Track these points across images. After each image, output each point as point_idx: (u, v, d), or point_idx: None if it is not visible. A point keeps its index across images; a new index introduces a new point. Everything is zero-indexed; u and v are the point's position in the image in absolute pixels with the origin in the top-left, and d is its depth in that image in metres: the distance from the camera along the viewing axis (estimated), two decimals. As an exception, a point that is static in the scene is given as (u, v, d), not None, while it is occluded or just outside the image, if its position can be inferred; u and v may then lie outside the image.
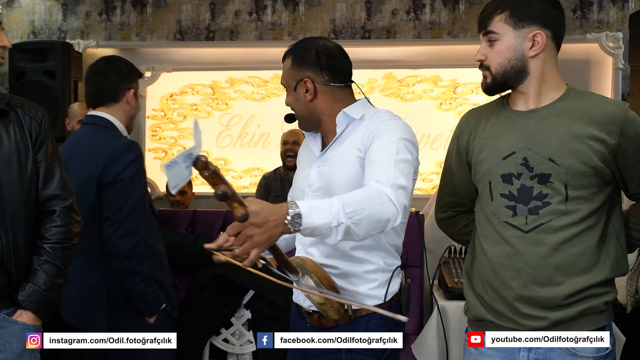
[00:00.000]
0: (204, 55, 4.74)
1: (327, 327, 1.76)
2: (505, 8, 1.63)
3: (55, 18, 4.87)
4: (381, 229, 1.52)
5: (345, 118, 1.78)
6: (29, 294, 1.81)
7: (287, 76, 1.83)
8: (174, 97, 4.83)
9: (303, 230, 1.41)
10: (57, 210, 1.89)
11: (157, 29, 4.79)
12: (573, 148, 1.60)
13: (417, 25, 4.60)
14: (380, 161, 1.63)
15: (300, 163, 1.95)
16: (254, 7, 4.70)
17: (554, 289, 1.62)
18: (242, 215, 1.31)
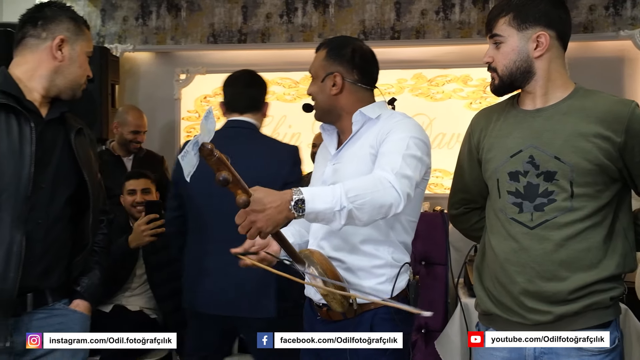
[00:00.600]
0: (237, 58, 4.82)
1: (335, 320, 1.82)
2: (509, 11, 1.68)
3: (94, 24, 5.03)
4: (384, 214, 1.58)
5: (361, 117, 1.84)
6: (88, 286, 2.01)
7: (318, 66, 1.90)
8: (208, 98, 4.94)
9: (307, 215, 1.47)
10: (104, 220, 2.14)
11: (191, 33, 4.91)
12: (578, 146, 1.63)
13: (446, 25, 4.60)
14: (389, 153, 1.70)
15: (317, 162, 2.03)
16: (284, 9, 4.78)
17: (559, 284, 1.65)
18: (243, 201, 1.39)
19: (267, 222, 1.43)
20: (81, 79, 1.98)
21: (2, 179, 1.77)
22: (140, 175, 3.29)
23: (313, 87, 1.91)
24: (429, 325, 3.11)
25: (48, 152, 1.87)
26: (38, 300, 1.88)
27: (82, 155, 1.94)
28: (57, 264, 1.92)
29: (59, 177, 1.89)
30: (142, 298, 3.18)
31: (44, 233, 1.85)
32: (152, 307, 3.17)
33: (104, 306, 3.14)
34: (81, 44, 1.95)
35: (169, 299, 3.14)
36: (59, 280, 1.93)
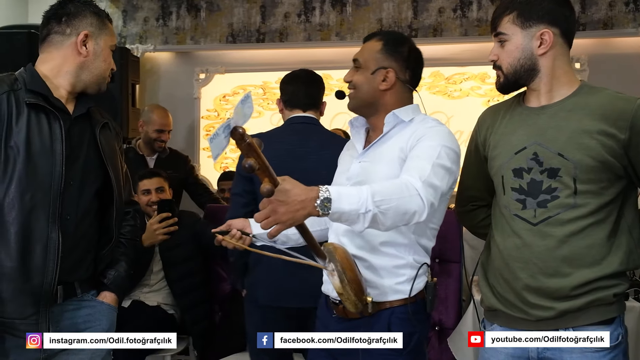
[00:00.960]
0: (255, 57, 4.88)
1: (351, 317, 1.79)
2: (514, 9, 1.68)
3: (116, 24, 5.12)
4: (407, 221, 1.55)
5: (394, 119, 1.83)
6: (114, 278, 2.05)
7: (370, 57, 1.85)
8: (227, 97, 5.00)
9: (331, 215, 1.45)
10: (131, 212, 2.17)
11: (210, 33, 4.97)
12: (582, 143, 1.63)
13: (464, 23, 4.60)
14: (419, 159, 1.68)
15: (342, 158, 2.00)
16: (302, 9, 4.82)
17: (562, 280, 1.65)
18: (267, 190, 1.36)
19: (287, 215, 1.40)
20: (106, 72, 2.00)
21: (36, 178, 1.81)
22: (153, 174, 3.32)
23: (359, 77, 1.85)
24: (443, 323, 3.12)
25: (76, 148, 1.91)
26: (68, 292, 1.93)
27: (107, 149, 1.98)
28: (86, 257, 1.97)
29: (86, 172, 1.93)
30: (160, 294, 3.23)
31: (73, 228, 1.89)
32: (169, 303, 3.22)
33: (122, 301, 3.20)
34: (105, 38, 1.98)
35: (186, 295, 3.19)
36: (87, 272, 1.98)
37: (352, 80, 1.87)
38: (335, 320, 1.85)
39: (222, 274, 3.34)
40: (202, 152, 5.03)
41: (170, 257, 3.20)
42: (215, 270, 3.35)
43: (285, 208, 1.39)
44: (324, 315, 1.92)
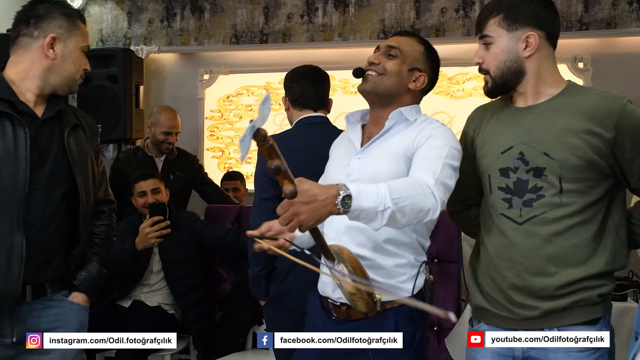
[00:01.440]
0: (258, 58, 4.90)
1: (355, 319, 1.79)
2: (500, 12, 1.69)
3: (121, 26, 5.17)
4: (421, 219, 1.56)
5: (398, 116, 1.83)
6: (84, 279, 2.05)
7: (412, 54, 1.85)
8: (230, 98, 5.02)
9: (351, 212, 1.44)
10: (105, 211, 2.15)
11: (214, 34, 5.00)
12: (567, 142, 1.63)
13: (466, 23, 4.59)
14: (430, 157, 1.68)
15: (337, 154, 1.97)
16: (305, 9, 4.83)
17: (547, 279, 1.65)
18: (291, 192, 1.33)
19: (310, 215, 1.39)
20: (76, 74, 1.99)
21: (0, 184, 1.83)
22: (148, 176, 3.35)
23: (393, 65, 1.82)
24: (442, 323, 3.12)
25: (44, 152, 1.91)
26: (37, 291, 1.95)
27: (75, 152, 1.96)
28: (54, 258, 1.98)
29: (54, 176, 1.93)
30: (160, 294, 3.26)
31: (39, 232, 1.90)
32: (170, 303, 3.25)
33: (123, 301, 3.24)
34: (75, 40, 1.95)
35: (186, 295, 3.22)
36: (57, 273, 1.99)
37: (384, 65, 1.83)
38: (335, 323, 1.84)
39: (221, 274, 3.37)
40: (207, 152, 5.06)
41: (169, 257, 3.23)
42: (215, 269, 3.38)
43: (307, 208, 1.38)
44: (319, 318, 1.91)
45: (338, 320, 1.83)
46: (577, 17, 4.46)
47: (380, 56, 1.85)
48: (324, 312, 1.88)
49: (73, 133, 1.99)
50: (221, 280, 3.38)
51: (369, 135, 1.88)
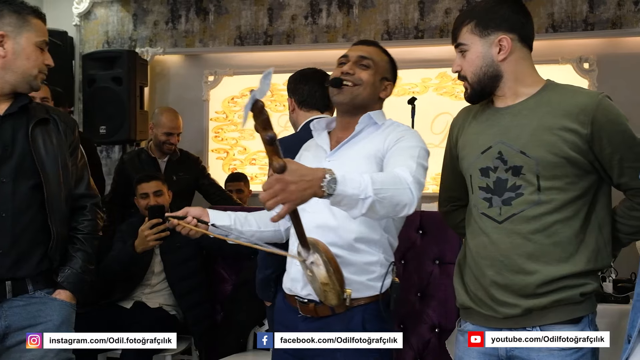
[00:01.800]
0: (263, 59, 4.91)
1: (322, 315, 1.82)
2: (472, 19, 1.73)
3: (126, 28, 5.20)
4: (397, 212, 1.60)
5: (368, 120, 1.90)
6: (67, 276, 2.04)
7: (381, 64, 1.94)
8: (235, 99, 5.04)
9: (334, 197, 1.46)
10: (88, 206, 2.14)
11: (218, 35, 5.02)
12: (543, 140, 1.65)
13: (470, 24, 4.58)
14: (404, 156, 1.74)
15: (305, 160, 2.00)
16: (309, 11, 4.83)
17: (527, 277, 1.66)
18: (281, 166, 1.35)
19: (296, 194, 1.40)
20: (32, 70, 1.98)
21: None
22: (151, 178, 3.35)
23: (368, 76, 1.91)
24: (443, 325, 3.11)
25: (9, 146, 1.94)
26: (18, 288, 1.96)
27: (40, 145, 1.98)
28: (32, 252, 1.98)
29: (21, 169, 1.95)
30: (161, 295, 3.26)
31: (10, 225, 1.92)
32: (171, 304, 3.26)
33: (124, 302, 3.25)
34: (27, 36, 1.95)
35: (187, 296, 3.22)
36: (38, 268, 1.99)
37: (359, 75, 1.90)
38: (302, 320, 1.87)
39: (223, 275, 3.37)
40: (211, 153, 5.08)
41: (171, 258, 3.24)
42: (216, 270, 3.38)
43: (295, 187, 1.39)
44: (285, 316, 1.95)
45: (305, 318, 1.87)
46: (582, 17, 4.43)
47: (354, 66, 1.91)
48: (291, 310, 1.91)
49: (40, 127, 2.01)
50: (222, 281, 3.38)
51: (338, 140, 1.95)
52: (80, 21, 5.26)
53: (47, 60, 2.02)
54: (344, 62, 1.93)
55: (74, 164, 2.11)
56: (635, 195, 1.69)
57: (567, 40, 4.47)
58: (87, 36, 5.27)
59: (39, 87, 2.03)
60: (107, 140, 4.55)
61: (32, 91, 2.02)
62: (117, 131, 4.38)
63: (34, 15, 1.99)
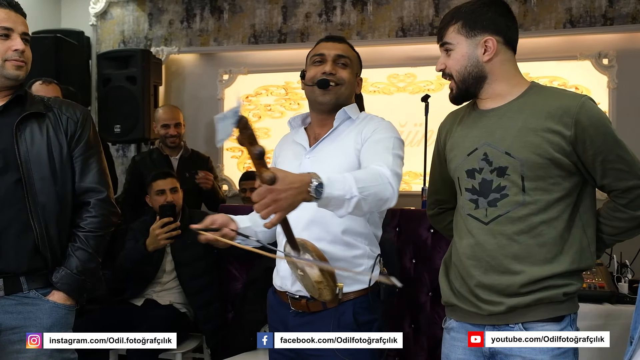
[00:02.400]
0: (277, 57, 4.90)
1: (314, 311, 1.85)
2: (458, 19, 1.75)
3: (142, 27, 5.23)
4: (379, 207, 1.67)
5: (343, 115, 1.95)
6: (61, 277, 2.01)
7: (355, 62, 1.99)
8: (250, 98, 5.03)
9: (322, 200, 1.50)
10: (92, 202, 2.09)
11: (233, 34, 5.02)
12: (527, 141, 1.67)
13: (486, 20, 4.52)
14: (380, 149, 1.79)
15: (284, 158, 2.03)
16: (323, 8, 4.81)
17: (512, 278, 1.69)
18: (270, 177, 1.37)
19: (287, 202, 1.43)
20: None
21: None
22: (166, 175, 3.36)
23: (349, 75, 1.95)
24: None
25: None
26: (10, 285, 1.95)
27: (26, 140, 1.98)
28: (19, 247, 1.96)
29: (5, 164, 1.95)
30: (172, 293, 3.27)
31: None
32: (182, 302, 3.26)
33: (136, 300, 3.26)
34: None
35: (198, 294, 3.23)
36: (31, 265, 1.97)
37: (342, 76, 1.95)
38: (293, 316, 1.89)
39: (233, 273, 3.35)
40: (226, 152, 5.08)
41: (182, 256, 3.24)
42: (227, 269, 3.37)
43: (285, 195, 1.42)
44: (277, 313, 1.96)
45: (297, 313, 1.89)
46: (601, 12, 4.35)
47: (334, 66, 1.94)
48: (282, 306, 1.94)
49: (30, 121, 2.00)
50: (233, 280, 3.37)
51: (316, 136, 1.98)
52: (96, 21, 5.30)
53: (14, 46, 1.98)
54: (320, 61, 1.95)
55: (78, 156, 2.08)
56: (618, 196, 1.71)
57: (586, 35, 4.39)
58: (104, 36, 5.31)
59: (16, 75, 2.00)
60: (122, 139, 4.58)
61: (13, 81, 2.00)
62: (132, 130, 4.40)
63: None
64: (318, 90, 1.92)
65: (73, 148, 2.07)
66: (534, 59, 4.37)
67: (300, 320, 1.88)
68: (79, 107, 2.14)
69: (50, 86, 3.29)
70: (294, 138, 2.03)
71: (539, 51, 4.38)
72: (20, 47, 1.98)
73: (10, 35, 1.98)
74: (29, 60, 2.03)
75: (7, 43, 1.97)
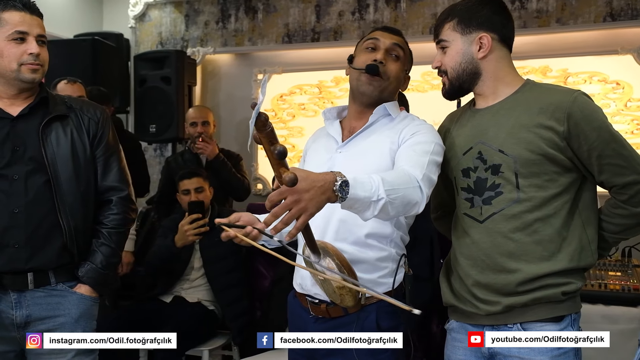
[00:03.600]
0: (310, 56, 4.90)
1: (335, 316, 1.78)
2: (454, 17, 1.76)
3: (179, 29, 5.30)
4: (408, 211, 1.56)
5: (382, 111, 1.86)
6: (87, 271, 2.10)
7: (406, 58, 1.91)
8: (284, 97, 5.04)
9: (347, 201, 1.40)
10: (114, 200, 2.17)
11: (267, 34, 5.04)
12: (520, 137, 1.66)
13: (522, 15, 4.41)
14: (417, 152, 1.69)
15: (315, 151, 1.98)
16: (356, 6, 4.79)
17: (508, 276, 1.67)
18: (291, 178, 1.25)
19: (310, 202, 1.32)
20: (11, 65, 1.99)
21: None
22: (192, 175, 3.40)
23: (396, 69, 1.86)
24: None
25: (21, 145, 2.00)
26: (39, 279, 2.03)
27: (52, 142, 2.02)
28: (48, 245, 2.03)
29: (34, 166, 2.00)
30: (200, 290, 3.31)
31: (23, 220, 1.98)
32: (209, 299, 3.30)
33: (165, 296, 3.32)
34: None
35: (226, 291, 3.26)
36: (58, 261, 2.04)
37: (390, 69, 1.85)
38: (313, 321, 1.82)
39: (261, 271, 3.38)
40: (260, 151, 5.10)
41: (210, 254, 3.28)
42: (255, 267, 3.40)
43: (308, 195, 1.32)
44: (298, 317, 1.90)
45: (317, 319, 1.81)
46: (643, 5, 4.20)
47: (387, 56, 1.86)
48: (302, 311, 1.87)
49: (55, 123, 2.05)
50: (261, 277, 3.40)
51: (351, 130, 1.89)
52: (135, 23, 5.40)
53: (30, 50, 2.00)
54: (374, 48, 1.86)
55: (100, 155, 2.14)
56: (617, 192, 1.67)
57: (627, 29, 4.23)
58: (142, 38, 5.41)
59: (32, 79, 2.02)
60: (157, 138, 4.65)
61: (29, 84, 2.03)
62: (166, 130, 4.47)
63: (7, 8, 1.98)
64: (365, 77, 1.82)
65: (95, 148, 2.13)
66: (573, 54, 4.26)
67: (321, 327, 1.79)
68: (99, 107, 2.20)
69: (75, 85, 3.36)
70: (328, 130, 1.94)
71: (577, 46, 4.25)
72: (35, 51, 2.00)
73: (26, 38, 2.00)
74: (45, 63, 2.06)
75: (22, 47, 1.99)
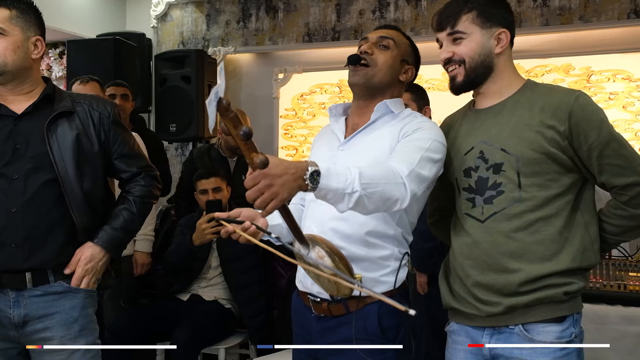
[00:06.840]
0: (331, 55, 4.89)
1: (336, 315, 1.76)
2: (472, 9, 1.73)
3: (200, 28, 5.34)
4: (388, 207, 1.55)
5: (384, 108, 1.83)
6: (102, 235, 2.09)
7: (404, 47, 1.87)
8: (304, 96, 5.05)
9: (318, 191, 1.40)
10: (142, 174, 2.19)
11: (287, 33, 5.05)
12: (522, 136, 1.65)
13: (544, 12, 4.36)
14: (409, 148, 1.67)
15: (319, 148, 1.97)
16: (377, 5, 4.77)
17: (509, 276, 1.65)
18: (262, 161, 1.25)
19: (282, 188, 1.32)
20: None
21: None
22: (210, 175, 3.41)
23: (386, 57, 1.82)
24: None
25: (22, 144, 2.00)
26: (38, 278, 2.02)
27: (58, 140, 2.02)
28: (46, 245, 2.02)
29: (36, 165, 2.00)
30: (217, 288, 3.33)
31: (21, 219, 1.98)
32: (226, 298, 3.31)
33: (182, 295, 3.34)
34: None
35: (243, 290, 3.26)
36: (57, 260, 2.04)
37: (376, 57, 1.82)
38: (316, 320, 1.80)
39: (279, 270, 3.38)
40: (281, 150, 5.12)
41: (227, 252, 3.29)
42: (272, 266, 3.40)
43: (280, 181, 1.32)
44: (300, 316, 1.88)
45: (319, 318, 1.80)
46: (670, 1, 4.11)
47: (373, 47, 1.83)
48: (305, 309, 1.85)
49: (60, 120, 2.05)
50: (278, 277, 3.40)
51: (353, 127, 1.86)
52: (157, 23, 5.45)
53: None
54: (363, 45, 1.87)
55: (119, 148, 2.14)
56: (618, 193, 1.66)
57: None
58: (164, 37, 5.46)
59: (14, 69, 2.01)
60: (177, 137, 4.69)
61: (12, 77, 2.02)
62: (186, 129, 4.50)
63: None
64: (350, 69, 1.82)
65: (112, 143, 2.13)
66: (596, 52, 4.20)
67: (323, 325, 1.78)
68: (109, 102, 2.20)
69: (88, 85, 3.36)
70: (332, 127, 1.92)
71: (600, 44, 4.19)
72: None
73: None
74: (1, 55, 2.01)
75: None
